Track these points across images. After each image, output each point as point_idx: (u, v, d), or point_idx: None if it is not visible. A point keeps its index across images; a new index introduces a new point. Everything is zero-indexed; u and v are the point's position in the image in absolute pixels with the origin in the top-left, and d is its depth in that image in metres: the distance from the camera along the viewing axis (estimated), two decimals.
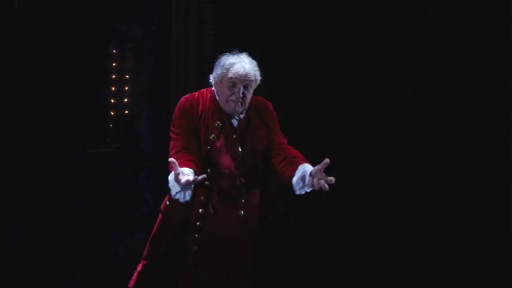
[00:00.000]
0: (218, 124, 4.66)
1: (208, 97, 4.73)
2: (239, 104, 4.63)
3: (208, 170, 4.58)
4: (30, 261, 7.05)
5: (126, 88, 7.47)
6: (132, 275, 4.81)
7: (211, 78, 4.71)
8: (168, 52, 7.16)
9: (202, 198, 4.61)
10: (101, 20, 7.41)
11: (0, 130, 7.23)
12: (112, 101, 7.47)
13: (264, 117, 4.76)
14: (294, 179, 4.45)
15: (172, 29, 7.11)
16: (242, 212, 4.63)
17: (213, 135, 4.63)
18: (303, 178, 4.43)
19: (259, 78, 4.69)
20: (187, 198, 4.43)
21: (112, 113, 7.49)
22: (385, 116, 6.80)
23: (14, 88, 7.25)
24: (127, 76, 7.52)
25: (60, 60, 7.30)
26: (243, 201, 4.63)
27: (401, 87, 6.75)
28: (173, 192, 4.42)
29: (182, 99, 4.76)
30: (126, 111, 7.49)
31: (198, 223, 4.60)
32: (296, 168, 4.47)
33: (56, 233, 7.14)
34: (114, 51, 7.51)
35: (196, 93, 4.79)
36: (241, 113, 4.70)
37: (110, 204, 7.13)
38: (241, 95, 4.61)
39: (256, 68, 4.68)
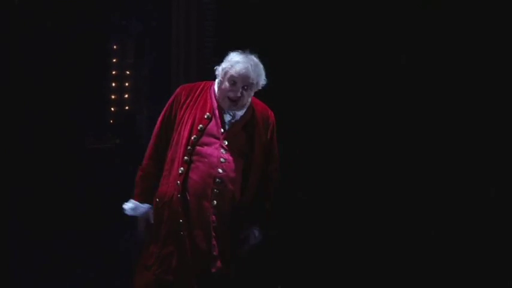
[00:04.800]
0: (207, 115, 4.73)
1: (207, 88, 4.81)
2: (234, 102, 4.69)
3: (186, 158, 4.68)
4: (30, 257, 7.05)
5: (127, 84, 7.49)
6: (133, 270, 4.85)
7: (217, 70, 4.77)
8: (168, 48, 7.17)
9: (178, 183, 4.69)
10: (101, 16, 7.41)
11: (1, 126, 7.24)
12: (112, 97, 7.48)
13: (266, 130, 4.85)
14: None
15: (173, 25, 7.11)
16: (215, 201, 4.69)
17: (200, 125, 4.71)
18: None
19: (262, 82, 4.74)
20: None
21: (112, 109, 7.50)
22: (384, 116, 6.79)
23: (15, 84, 7.25)
24: (127, 72, 7.54)
25: (60, 56, 7.30)
26: (216, 191, 4.68)
27: (401, 86, 6.75)
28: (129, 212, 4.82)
29: (178, 88, 4.89)
30: (127, 107, 7.51)
31: (179, 195, 4.68)
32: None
33: (55, 229, 7.15)
34: (114, 47, 7.52)
35: (194, 84, 4.90)
36: (239, 110, 4.76)
37: (110, 200, 7.13)
38: (239, 94, 4.67)
39: (261, 72, 4.73)
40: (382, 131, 6.76)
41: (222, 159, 4.70)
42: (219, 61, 6.79)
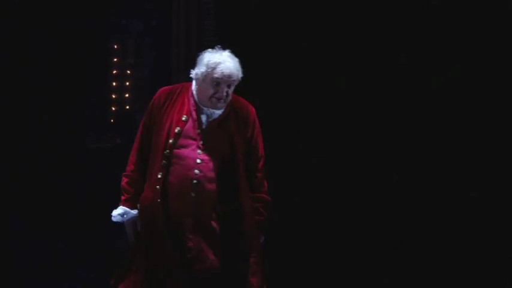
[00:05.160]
0: (184, 118, 4.75)
1: (184, 90, 4.84)
2: (222, 101, 4.72)
3: (164, 162, 4.70)
4: (31, 256, 7.05)
5: (127, 83, 7.48)
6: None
7: (193, 74, 4.78)
8: (169, 47, 7.16)
9: (157, 188, 4.71)
10: (101, 15, 7.41)
11: (1, 125, 7.24)
12: (113, 96, 7.48)
13: (246, 126, 4.85)
14: None
15: (173, 24, 7.10)
16: (192, 204, 4.70)
17: (177, 128, 4.72)
18: None
19: (241, 75, 4.77)
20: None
21: (113, 109, 7.49)
22: (383, 115, 6.78)
23: (15, 83, 7.25)
24: (128, 71, 7.53)
25: (61, 55, 7.30)
26: (193, 194, 4.69)
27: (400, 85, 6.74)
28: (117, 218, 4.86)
29: (158, 91, 4.90)
30: (127, 107, 7.50)
31: (158, 200, 4.70)
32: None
33: (55, 228, 7.14)
34: (115, 46, 7.52)
35: (173, 86, 4.93)
36: (219, 109, 4.78)
37: (110, 199, 7.12)
38: (224, 94, 4.70)
39: (239, 66, 4.76)
40: (375, 132, 6.74)
41: (198, 160, 4.71)
42: None
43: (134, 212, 4.84)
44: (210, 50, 4.76)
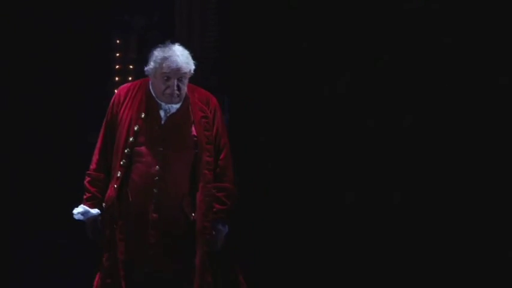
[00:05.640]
0: (143, 115, 4.76)
1: (142, 87, 4.86)
2: (175, 95, 4.73)
3: (123, 161, 4.72)
4: (32, 253, 7.06)
5: (130, 78, 7.48)
6: None
7: (145, 70, 4.81)
8: (171, 42, 7.15)
9: (115, 187, 4.74)
10: (104, 10, 7.41)
11: (3, 121, 7.24)
12: (115, 91, 7.47)
13: (208, 113, 4.85)
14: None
15: (176, 19, 7.10)
16: (154, 200, 4.71)
17: (137, 126, 4.72)
18: None
19: (193, 67, 4.79)
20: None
21: None
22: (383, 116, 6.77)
23: (17, 79, 7.25)
24: (130, 66, 7.53)
25: (63, 50, 7.31)
26: (155, 191, 4.71)
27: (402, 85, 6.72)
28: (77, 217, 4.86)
29: (119, 88, 4.96)
30: None
31: (116, 199, 4.73)
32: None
33: (57, 224, 7.14)
34: (117, 41, 7.51)
35: (132, 83, 4.97)
36: (175, 104, 4.78)
37: None
38: (175, 88, 4.70)
39: (189, 59, 4.78)
40: (381, 130, 6.73)
41: (159, 157, 4.71)
42: (222, 55, 6.81)
43: (94, 211, 4.85)
44: (160, 45, 4.79)
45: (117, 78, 7.53)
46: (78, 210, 4.88)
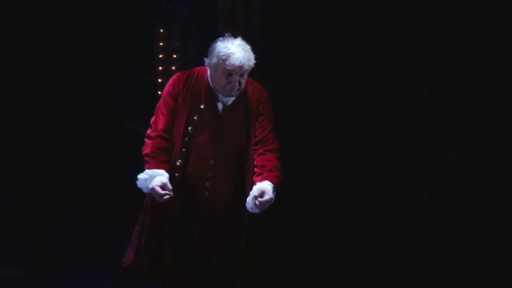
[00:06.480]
0: (202, 106, 4.77)
1: (200, 77, 4.84)
2: (235, 90, 4.72)
3: (183, 150, 4.73)
4: (79, 238, 7.14)
5: (173, 67, 7.52)
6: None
7: (206, 63, 4.78)
8: (214, 31, 7.18)
9: (176, 175, 4.74)
10: (147, 0, 7.46)
11: (48, 109, 7.33)
12: (159, 80, 7.52)
13: (261, 110, 4.84)
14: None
15: (219, 7, 7.12)
16: (207, 193, 4.75)
17: (196, 116, 4.76)
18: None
19: (253, 63, 4.73)
20: None
21: (159, 92, 7.53)
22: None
23: (63, 65, 7.33)
24: (174, 55, 7.57)
25: (108, 39, 7.37)
26: (207, 184, 4.74)
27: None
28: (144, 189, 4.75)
29: (175, 75, 4.89)
30: None
31: (176, 201, 4.73)
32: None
33: (103, 210, 7.23)
34: (161, 30, 7.55)
35: (190, 71, 4.90)
36: (232, 97, 4.79)
37: None
38: (237, 84, 4.70)
39: (251, 55, 4.73)
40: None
41: (213, 150, 4.74)
42: (265, 43, 6.81)
43: (161, 171, 4.70)
44: (221, 38, 4.74)
45: (160, 68, 7.57)
46: (143, 175, 4.77)
